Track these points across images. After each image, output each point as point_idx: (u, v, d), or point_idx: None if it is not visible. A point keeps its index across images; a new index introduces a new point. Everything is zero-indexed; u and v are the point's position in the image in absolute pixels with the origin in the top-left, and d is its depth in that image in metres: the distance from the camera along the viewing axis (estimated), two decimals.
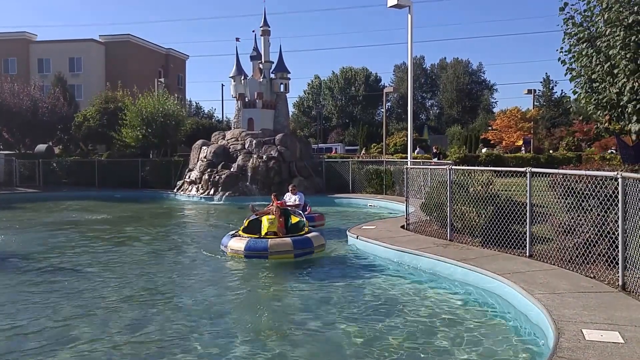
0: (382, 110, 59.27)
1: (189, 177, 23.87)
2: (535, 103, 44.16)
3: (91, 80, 50.90)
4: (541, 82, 59.45)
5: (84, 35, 79.31)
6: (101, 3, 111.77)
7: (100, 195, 24.65)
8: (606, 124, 11.50)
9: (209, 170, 23.03)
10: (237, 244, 9.68)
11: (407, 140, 21.06)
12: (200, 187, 22.95)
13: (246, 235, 9.96)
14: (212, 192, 22.30)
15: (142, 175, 27.05)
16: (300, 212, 11.47)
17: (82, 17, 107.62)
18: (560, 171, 7.84)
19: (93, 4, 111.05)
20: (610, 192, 6.60)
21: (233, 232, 10.43)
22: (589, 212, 7.06)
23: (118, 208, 20.36)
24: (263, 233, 9.89)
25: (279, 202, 11.21)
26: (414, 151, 30.91)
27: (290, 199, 13.18)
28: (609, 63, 9.89)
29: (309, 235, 9.88)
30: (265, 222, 10.03)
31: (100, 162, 28.69)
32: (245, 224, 10.46)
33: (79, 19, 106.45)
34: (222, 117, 56.49)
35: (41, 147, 30.95)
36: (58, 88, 35.87)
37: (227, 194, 21.87)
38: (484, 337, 5.65)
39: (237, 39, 26.21)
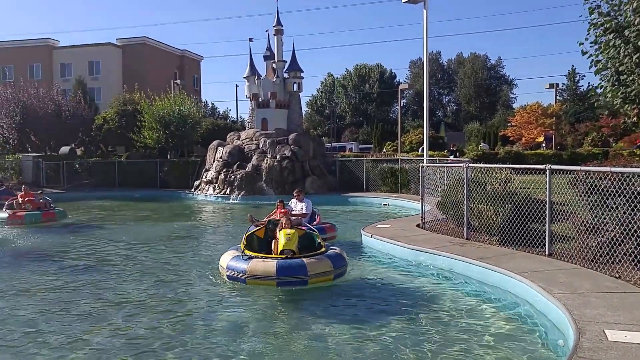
0: (397, 107, 58.82)
1: (206, 177, 24.10)
2: (559, 97, 43.20)
3: (109, 82, 51.84)
4: (566, 76, 58.10)
5: (103, 39, 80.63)
6: (117, 6, 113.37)
7: (120, 195, 25.05)
8: (634, 118, 11.10)
9: (224, 170, 23.20)
10: (263, 266, 7.32)
11: (423, 138, 20.81)
12: (216, 186, 23.15)
13: (263, 255, 7.83)
14: (228, 191, 22.46)
15: (160, 176, 27.52)
16: (308, 224, 9.64)
17: (99, 21, 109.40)
18: (582, 168, 7.59)
19: (110, 7, 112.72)
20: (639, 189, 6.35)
21: (233, 251, 8.11)
22: (615, 210, 6.82)
23: (138, 207, 20.67)
24: (278, 251, 7.79)
25: (282, 211, 9.45)
26: (417, 150, 30.65)
27: (297, 206, 11.12)
28: (638, 54, 9.51)
29: (337, 251, 8.02)
30: (282, 238, 7.85)
31: (120, 163, 29.32)
32: (245, 241, 8.37)
33: (96, 23, 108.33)
34: (237, 117, 56.84)
35: (65, 148, 31.93)
36: (79, 91, 36.78)
37: (242, 193, 21.99)
38: (502, 337, 5.51)
39: (251, 39, 26.46)
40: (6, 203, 15.76)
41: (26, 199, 15.66)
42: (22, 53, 53.59)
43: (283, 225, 8.18)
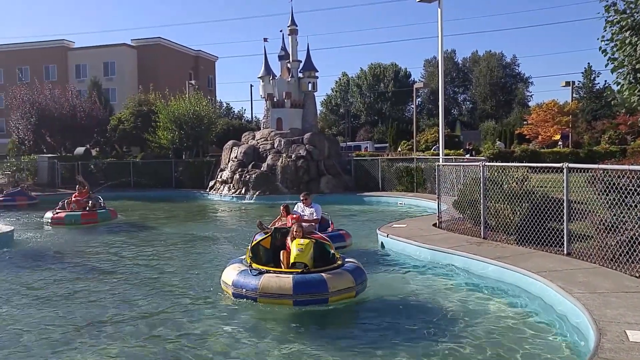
0: (412, 106, 58.51)
1: (221, 177, 24.25)
2: (575, 95, 42.61)
3: (124, 83, 52.36)
4: (582, 73, 57.34)
5: (117, 39, 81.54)
6: (132, 7, 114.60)
7: (136, 196, 25.28)
8: None
9: (239, 170, 23.33)
10: (277, 282, 6.39)
11: (438, 137, 20.73)
12: (231, 186, 23.28)
13: (275, 269, 6.86)
14: (243, 191, 22.58)
15: (175, 176, 27.74)
16: (318, 232, 8.48)
17: (114, 22, 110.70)
18: (600, 166, 7.52)
19: (124, 8, 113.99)
20: None
21: (238, 265, 7.10)
22: (634, 209, 6.74)
23: (155, 208, 20.86)
24: (289, 263, 6.91)
25: (293, 216, 8.35)
26: (431, 149, 30.51)
27: (305, 211, 10.06)
28: None
29: (355, 263, 7.14)
30: (294, 249, 6.94)
31: (135, 163, 29.51)
32: (250, 253, 7.35)
33: (111, 24, 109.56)
34: (252, 117, 57.04)
35: (80, 149, 32.13)
36: (94, 92, 37.12)
37: (257, 193, 22.10)
38: (520, 338, 5.48)
39: (265, 39, 26.39)
40: (59, 203, 15.93)
41: (73, 199, 15.71)
42: (38, 54, 54.37)
43: (294, 233, 7.18)
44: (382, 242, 10.49)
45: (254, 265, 6.89)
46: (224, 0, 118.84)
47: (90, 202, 15.85)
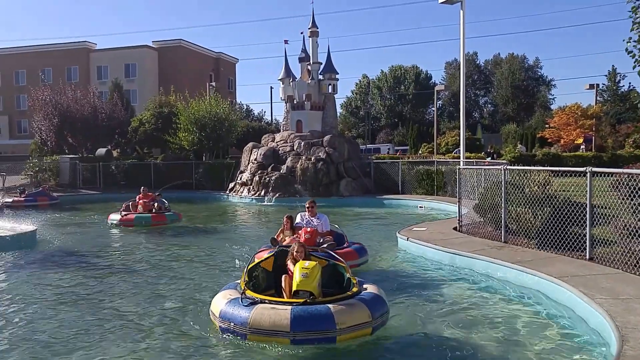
0: (433, 108, 58.11)
1: (241, 178, 24.43)
2: (599, 98, 41.78)
3: (145, 85, 52.92)
4: (606, 76, 56.22)
5: (139, 41, 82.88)
6: (153, 9, 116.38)
7: None
8: None
9: (259, 172, 23.49)
10: (271, 316, 5.16)
11: (459, 140, 20.59)
12: (251, 188, 23.43)
13: (271, 298, 5.62)
14: (262, 193, 22.71)
15: (195, 177, 27.99)
16: (330, 252, 6.90)
17: (136, 24, 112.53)
18: (625, 170, 7.42)
19: (146, 10, 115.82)
20: None
21: (231, 291, 5.85)
22: None
23: (180, 209, 21.02)
24: (291, 291, 5.73)
25: (307, 229, 6.99)
26: (452, 152, 30.25)
27: (311, 222, 8.59)
28: None
29: (374, 291, 5.79)
30: (297, 273, 5.71)
31: (156, 164, 29.81)
32: (247, 277, 6.05)
33: (133, 26, 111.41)
34: (271, 119, 57.34)
35: (101, 150, 32.43)
36: (115, 94, 37.53)
37: (277, 195, 22.22)
38: (541, 344, 5.43)
39: (286, 41, 26.56)
40: (124, 205, 15.88)
41: (139, 201, 15.73)
42: (60, 56, 55.14)
43: (295, 255, 6.05)
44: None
45: (248, 293, 5.59)
46: (245, 2, 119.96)
47: (155, 204, 15.78)
